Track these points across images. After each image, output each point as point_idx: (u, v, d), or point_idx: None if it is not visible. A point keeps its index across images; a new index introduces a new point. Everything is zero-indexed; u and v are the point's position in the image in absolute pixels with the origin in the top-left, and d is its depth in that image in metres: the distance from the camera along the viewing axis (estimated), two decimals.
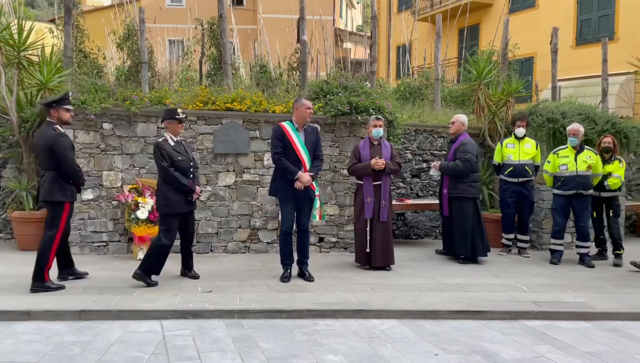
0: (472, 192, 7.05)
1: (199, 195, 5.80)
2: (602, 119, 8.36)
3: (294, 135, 5.78)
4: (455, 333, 4.60)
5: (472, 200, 7.07)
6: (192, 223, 5.97)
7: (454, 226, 7.10)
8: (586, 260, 7.09)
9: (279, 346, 4.18)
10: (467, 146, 7.01)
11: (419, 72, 12.86)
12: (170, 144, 5.58)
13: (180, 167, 5.54)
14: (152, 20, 13.20)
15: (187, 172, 5.62)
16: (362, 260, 6.55)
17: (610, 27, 15.68)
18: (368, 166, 6.36)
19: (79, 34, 9.04)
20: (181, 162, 5.56)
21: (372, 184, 6.43)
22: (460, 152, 6.99)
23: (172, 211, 5.53)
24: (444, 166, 7.12)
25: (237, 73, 10.00)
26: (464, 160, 6.92)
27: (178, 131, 5.69)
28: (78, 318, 4.61)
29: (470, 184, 7.06)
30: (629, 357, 4.15)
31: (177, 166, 5.51)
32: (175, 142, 5.64)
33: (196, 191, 5.67)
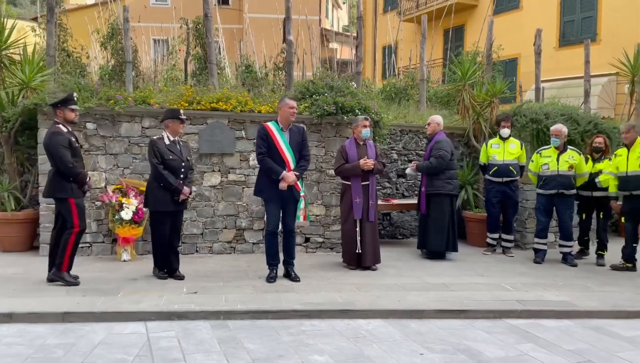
0: (448, 189, 7.18)
1: (187, 196, 5.77)
2: (584, 119, 8.46)
3: (278, 135, 5.77)
4: (440, 332, 4.63)
5: (448, 196, 7.20)
6: (179, 222, 5.96)
7: (430, 222, 7.24)
8: (569, 259, 7.18)
9: (264, 347, 4.17)
10: (441, 144, 7.17)
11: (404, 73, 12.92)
12: (165, 143, 5.66)
13: (170, 166, 5.61)
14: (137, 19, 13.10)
15: (178, 172, 5.66)
16: (350, 261, 6.56)
17: (592, 29, 15.89)
18: (357, 166, 6.38)
19: (61, 33, 8.96)
20: (172, 161, 5.62)
21: (361, 185, 6.45)
22: (435, 149, 7.19)
23: (158, 209, 5.66)
24: (419, 165, 7.35)
25: (222, 73, 9.97)
26: (437, 157, 7.11)
27: (178, 131, 5.80)
28: (61, 320, 4.56)
29: (446, 181, 7.19)
30: (610, 355, 4.21)
31: (167, 164, 5.59)
32: (171, 141, 5.70)
33: (184, 191, 5.66)
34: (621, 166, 6.75)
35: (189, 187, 5.81)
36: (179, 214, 5.91)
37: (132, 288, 5.36)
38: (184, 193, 5.69)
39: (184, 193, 5.68)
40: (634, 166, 6.64)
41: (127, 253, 6.65)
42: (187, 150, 5.95)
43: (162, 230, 5.73)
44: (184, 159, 5.77)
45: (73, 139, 5.45)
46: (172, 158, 5.64)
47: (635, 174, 6.61)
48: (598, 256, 7.32)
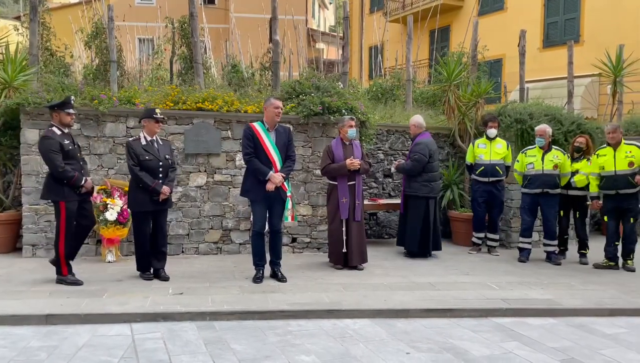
0: (424, 191, 7.22)
1: (166, 195, 5.70)
2: (567, 120, 8.55)
3: (264, 135, 5.76)
4: (426, 331, 4.66)
5: (425, 199, 7.24)
6: (163, 222, 5.91)
7: (407, 222, 7.36)
8: (553, 257, 7.26)
9: (251, 347, 4.16)
10: (419, 147, 7.24)
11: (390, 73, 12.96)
12: (142, 143, 5.64)
13: (146, 166, 5.60)
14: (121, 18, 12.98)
15: (155, 171, 5.64)
16: (337, 260, 6.57)
17: (575, 30, 16.09)
18: (343, 166, 6.39)
19: (45, 32, 8.85)
20: (148, 161, 5.61)
21: (347, 185, 6.46)
22: (412, 152, 7.29)
23: (138, 209, 5.69)
24: (399, 166, 7.48)
25: (208, 72, 9.91)
26: (413, 160, 7.21)
27: (154, 131, 5.74)
28: (44, 322, 4.50)
29: (423, 183, 7.23)
30: (593, 352, 4.27)
31: (143, 165, 5.59)
32: (147, 141, 5.67)
33: (163, 190, 5.62)
34: (608, 166, 6.84)
35: (169, 186, 5.76)
36: (162, 213, 5.86)
37: (117, 290, 5.31)
38: (164, 192, 5.64)
39: (163, 192, 5.64)
40: (623, 165, 6.74)
41: (112, 254, 6.59)
42: (167, 149, 5.89)
43: (143, 230, 5.72)
44: (162, 159, 5.72)
45: (67, 141, 5.40)
46: (149, 158, 5.62)
47: (624, 173, 6.72)
48: (580, 255, 7.42)
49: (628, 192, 6.76)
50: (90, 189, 5.58)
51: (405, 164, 7.32)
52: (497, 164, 7.59)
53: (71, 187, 5.35)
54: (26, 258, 6.60)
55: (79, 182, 5.38)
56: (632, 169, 6.70)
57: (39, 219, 6.67)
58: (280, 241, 6.04)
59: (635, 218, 6.87)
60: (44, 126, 6.63)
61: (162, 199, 5.66)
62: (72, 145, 5.48)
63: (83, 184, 5.42)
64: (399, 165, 7.49)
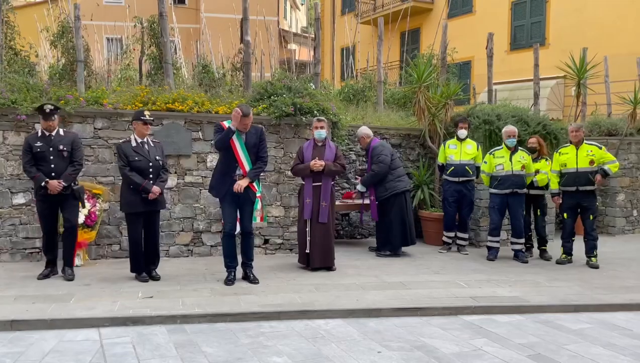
0: (401, 186, 7.42)
1: (156, 195, 5.70)
2: (534, 121, 8.76)
3: (235, 137, 5.66)
4: (398, 330, 4.70)
5: (402, 194, 7.43)
6: (154, 223, 5.93)
7: (393, 222, 7.38)
8: (520, 255, 7.42)
9: (222, 350, 4.13)
10: (377, 150, 7.40)
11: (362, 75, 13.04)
12: (132, 145, 5.74)
13: (136, 167, 5.66)
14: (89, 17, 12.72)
15: (145, 172, 5.72)
16: (302, 260, 6.62)
17: (541, 33, 16.49)
18: (307, 167, 6.41)
19: (8, 31, 8.60)
20: (138, 162, 5.68)
21: (312, 185, 6.47)
22: (373, 156, 7.38)
23: (129, 211, 5.77)
24: (365, 180, 7.49)
25: (178, 73, 9.80)
26: (377, 162, 7.31)
27: (143, 133, 5.81)
28: (9, 328, 4.38)
29: (397, 180, 7.42)
30: (559, 347, 4.38)
31: (132, 166, 5.66)
32: (138, 143, 5.76)
33: (153, 190, 5.65)
34: (570, 163, 7.09)
35: (160, 186, 5.78)
36: (154, 215, 5.89)
37: (85, 294, 5.21)
38: (154, 192, 5.66)
39: (153, 192, 5.65)
40: (584, 163, 7.01)
41: (80, 257, 6.44)
42: (158, 151, 5.92)
43: (134, 231, 5.78)
44: (152, 160, 5.77)
45: (38, 144, 5.59)
46: (138, 159, 5.69)
47: (585, 171, 6.99)
48: (541, 251, 7.70)
49: (587, 189, 7.05)
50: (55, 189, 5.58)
51: (373, 172, 7.35)
52: (467, 165, 7.72)
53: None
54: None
55: (39, 183, 5.55)
56: (592, 168, 6.98)
57: (3, 223, 6.49)
58: (251, 242, 6.00)
59: (594, 216, 7.18)
60: (7, 127, 6.47)
61: (151, 198, 5.67)
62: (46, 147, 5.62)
63: (42, 185, 5.55)
64: (364, 179, 7.50)
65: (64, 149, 5.69)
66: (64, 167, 5.67)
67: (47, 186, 5.53)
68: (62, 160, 5.68)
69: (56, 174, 5.60)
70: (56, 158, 5.64)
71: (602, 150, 7.09)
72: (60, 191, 5.60)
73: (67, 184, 5.64)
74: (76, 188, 5.79)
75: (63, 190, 5.62)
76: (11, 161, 6.49)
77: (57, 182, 5.56)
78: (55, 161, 5.63)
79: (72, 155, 5.75)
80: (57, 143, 5.68)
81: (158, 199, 5.79)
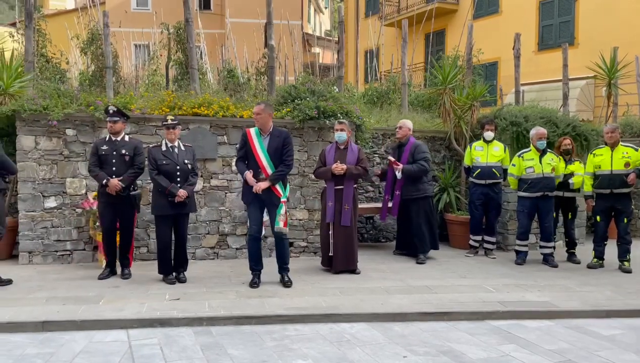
0: (430, 190, 7.46)
1: (182, 198, 5.78)
2: (563, 122, 8.59)
3: (257, 141, 5.79)
4: (424, 334, 4.66)
5: (430, 198, 7.45)
6: (181, 226, 6.02)
7: (416, 226, 7.29)
8: (550, 260, 7.27)
9: (248, 352, 4.15)
10: (422, 148, 7.30)
11: (386, 77, 12.99)
12: (162, 149, 5.90)
13: (163, 171, 5.81)
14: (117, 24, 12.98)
15: (173, 176, 5.84)
16: (325, 263, 6.63)
17: (570, 33, 16.17)
18: (328, 170, 6.41)
19: (40, 38, 8.84)
20: (165, 166, 5.82)
21: (334, 189, 6.47)
22: (418, 153, 7.23)
23: (158, 213, 5.88)
24: (408, 168, 7.20)
25: (204, 78, 9.93)
26: (424, 159, 7.19)
27: (169, 137, 5.96)
28: (41, 329, 4.49)
29: (429, 183, 7.44)
30: (590, 354, 4.27)
31: (160, 169, 5.80)
32: (168, 147, 5.91)
33: (179, 193, 5.74)
34: (604, 165, 6.93)
35: (188, 189, 5.87)
36: (182, 218, 5.99)
37: (113, 296, 5.30)
38: (179, 195, 5.74)
39: (179, 195, 5.73)
40: (619, 165, 6.84)
41: None
42: (188, 155, 6.03)
43: (162, 233, 5.90)
44: (180, 163, 5.89)
45: (104, 147, 5.97)
46: (166, 163, 5.83)
47: (620, 173, 6.82)
48: (570, 254, 7.55)
49: (622, 191, 6.86)
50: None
51: (421, 166, 7.13)
52: (494, 167, 7.60)
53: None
54: (23, 265, 6.57)
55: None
56: (627, 170, 6.79)
57: (36, 226, 6.66)
58: (284, 245, 5.95)
59: (628, 219, 6.95)
60: (40, 132, 6.64)
61: (177, 201, 5.76)
62: (110, 151, 5.95)
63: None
64: (406, 168, 7.18)
65: (126, 153, 5.98)
66: (124, 170, 5.95)
67: (107, 184, 5.78)
68: (124, 164, 5.97)
69: (117, 176, 5.88)
70: (118, 161, 5.94)
71: (638, 152, 6.89)
72: (118, 191, 5.81)
73: (125, 185, 5.87)
74: (134, 193, 6.00)
75: (121, 191, 5.84)
76: (43, 166, 6.66)
77: (117, 181, 5.81)
78: (117, 164, 5.93)
79: (133, 160, 6.01)
80: (120, 147, 5.98)
81: (186, 202, 5.86)
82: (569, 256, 7.56)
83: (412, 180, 7.22)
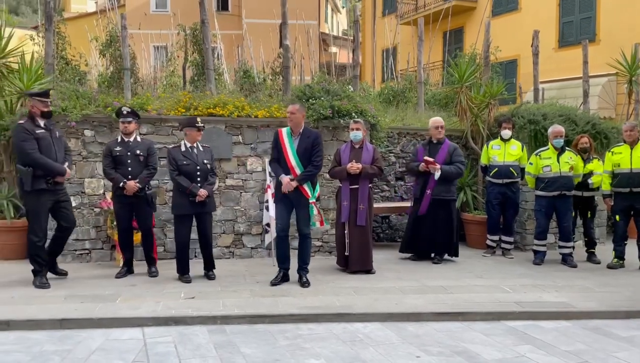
0: (455, 194, 7.36)
1: (203, 197, 5.84)
2: (582, 120, 8.46)
3: (287, 141, 5.84)
4: (438, 335, 4.62)
5: (455, 201, 7.32)
6: (204, 225, 6.08)
7: (441, 228, 7.07)
8: (568, 260, 7.16)
9: (261, 351, 4.17)
10: (458, 151, 7.21)
11: (402, 76, 12.93)
12: (182, 150, 5.96)
13: (184, 171, 5.87)
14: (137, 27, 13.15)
15: (193, 176, 5.88)
16: (340, 262, 6.61)
17: (591, 30, 15.88)
18: (343, 169, 6.39)
19: (60, 41, 8.98)
20: (186, 166, 5.88)
21: (349, 188, 6.45)
22: (457, 155, 7.10)
23: (177, 212, 5.95)
24: (447, 169, 6.95)
25: (220, 78, 9.99)
26: (463, 163, 7.19)
27: (195, 138, 6.01)
28: (59, 327, 4.56)
29: (455, 186, 7.34)
30: (607, 355, 4.20)
31: (181, 170, 5.87)
32: (187, 148, 5.97)
33: (199, 193, 5.80)
34: (623, 163, 6.81)
35: (208, 189, 5.94)
36: (204, 217, 6.04)
37: (130, 294, 5.37)
38: (200, 195, 5.80)
39: (199, 195, 5.80)
40: (639, 163, 6.70)
41: None
42: (206, 155, 6.09)
43: (181, 233, 5.96)
44: (200, 163, 5.95)
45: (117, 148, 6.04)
46: (186, 163, 5.88)
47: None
48: (589, 254, 7.43)
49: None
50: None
51: (459, 168, 7.01)
52: (511, 166, 7.50)
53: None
54: None
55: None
56: None
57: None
58: (306, 245, 5.98)
59: None
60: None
61: (199, 200, 5.83)
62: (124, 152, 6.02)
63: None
64: (445, 169, 6.90)
65: (140, 154, 6.05)
66: (139, 170, 6.01)
67: (125, 186, 5.85)
68: (138, 164, 6.03)
69: (132, 176, 5.95)
70: (133, 162, 6.00)
71: None
72: (135, 192, 5.89)
73: (142, 186, 5.95)
74: (149, 192, 6.09)
75: (138, 191, 5.92)
76: None
77: (134, 183, 5.88)
78: (132, 164, 5.99)
79: (147, 160, 6.08)
80: (134, 148, 6.04)
81: (206, 201, 5.92)
82: (589, 256, 7.44)
83: (444, 182, 6.97)
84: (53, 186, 5.65)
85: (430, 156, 7.01)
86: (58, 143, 5.78)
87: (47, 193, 5.63)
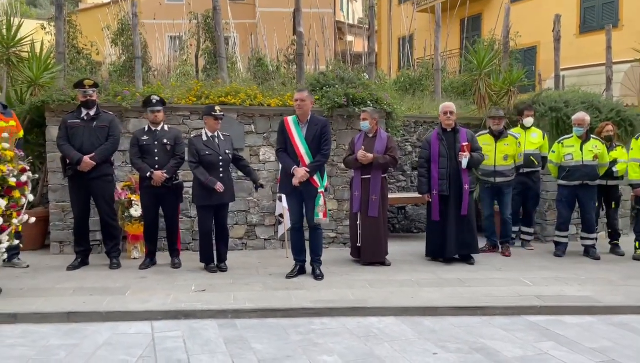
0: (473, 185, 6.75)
1: (221, 189, 5.73)
2: (606, 107, 8.15)
3: (294, 129, 5.62)
4: (455, 330, 4.45)
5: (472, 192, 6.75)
6: (222, 216, 6.01)
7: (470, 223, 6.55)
8: (592, 251, 6.92)
9: (272, 346, 4.03)
10: (476, 137, 6.74)
11: (419, 63, 12.65)
12: (203, 139, 5.83)
13: (206, 161, 5.75)
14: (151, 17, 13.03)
15: (216, 165, 5.76)
16: (354, 253, 6.47)
17: (614, 14, 15.41)
18: (354, 159, 6.21)
19: (71, 30, 8.90)
20: (208, 156, 5.76)
21: (360, 178, 6.26)
22: (476, 142, 6.61)
23: (200, 203, 5.85)
24: (472, 159, 6.42)
25: (234, 67, 9.85)
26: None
27: (214, 127, 5.86)
28: (66, 320, 4.47)
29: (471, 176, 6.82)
30: (636, 353, 3.99)
31: (203, 160, 5.74)
32: (208, 137, 5.85)
33: (217, 187, 5.68)
34: None
35: (254, 176, 6.05)
36: (222, 208, 5.97)
37: (140, 287, 5.27)
38: (217, 188, 5.69)
39: (217, 188, 5.69)
40: None
41: (137, 250, 6.58)
42: (228, 144, 5.97)
43: (205, 223, 5.89)
44: (222, 153, 5.84)
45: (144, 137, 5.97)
46: (209, 153, 5.76)
47: None
48: (613, 245, 7.19)
49: None
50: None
51: (481, 156, 6.51)
52: (532, 155, 7.23)
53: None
54: (54, 255, 6.65)
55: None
56: None
57: (66, 217, 6.71)
58: (317, 236, 5.82)
59: None
60: None
61: (219, 190, 5.71)
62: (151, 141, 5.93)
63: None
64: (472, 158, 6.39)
65: (167, 143, 5.95)
66: (166, 160, 5.92)
67: (152, 176, 5.77)
68: (165, 153, 5.95)
69: (159, 166, 5.87)
70: (160, 151, 5.91)
71: None
72: (163, 182, 5.81)
73: (169, 176, 5.86)
74: (176, 182, 6.01)
75: (165, 181, 5.83)
76: None
77: (161, 173, 5.80)
78: (159, 154, 5.90)
79: (174, 149, 5.99)
80: (161, 137, 5.95)
81: (227, 192, 5.83)
82: (612, 248, 7.19)
83: (470, 172, 6.50)
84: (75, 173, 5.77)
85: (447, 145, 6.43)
86: (95, 133, 5.84)
87: (77, 180, 5.83)
